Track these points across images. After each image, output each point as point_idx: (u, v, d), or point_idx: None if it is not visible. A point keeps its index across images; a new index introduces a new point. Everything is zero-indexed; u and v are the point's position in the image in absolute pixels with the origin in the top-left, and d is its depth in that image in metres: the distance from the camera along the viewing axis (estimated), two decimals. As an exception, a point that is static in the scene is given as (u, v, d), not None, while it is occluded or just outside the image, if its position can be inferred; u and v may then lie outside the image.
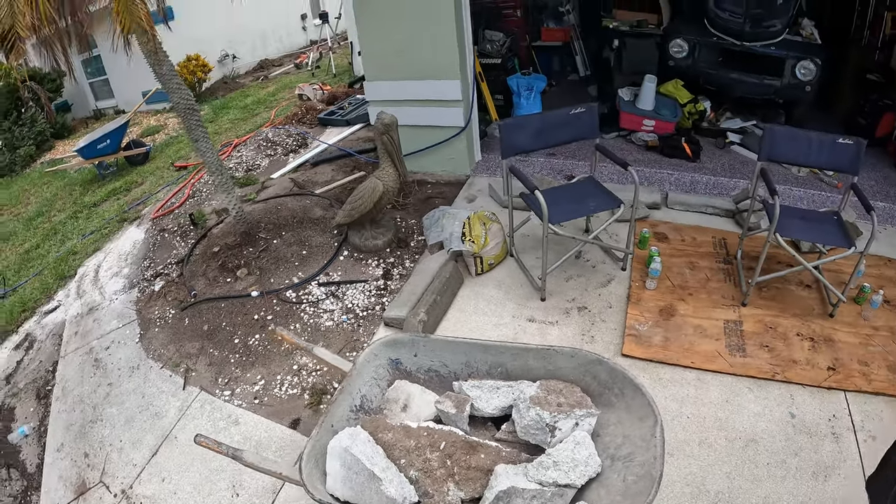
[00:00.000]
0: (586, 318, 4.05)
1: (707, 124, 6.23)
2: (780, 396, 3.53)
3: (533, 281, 4.35)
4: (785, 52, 6.00)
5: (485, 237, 4.45)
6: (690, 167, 5.47)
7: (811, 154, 4.20)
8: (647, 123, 5.67)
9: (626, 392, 2.56)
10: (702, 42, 6.04)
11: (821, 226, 4.10)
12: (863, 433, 3.40)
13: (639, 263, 4.42)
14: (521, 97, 6.39)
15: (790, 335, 3.94)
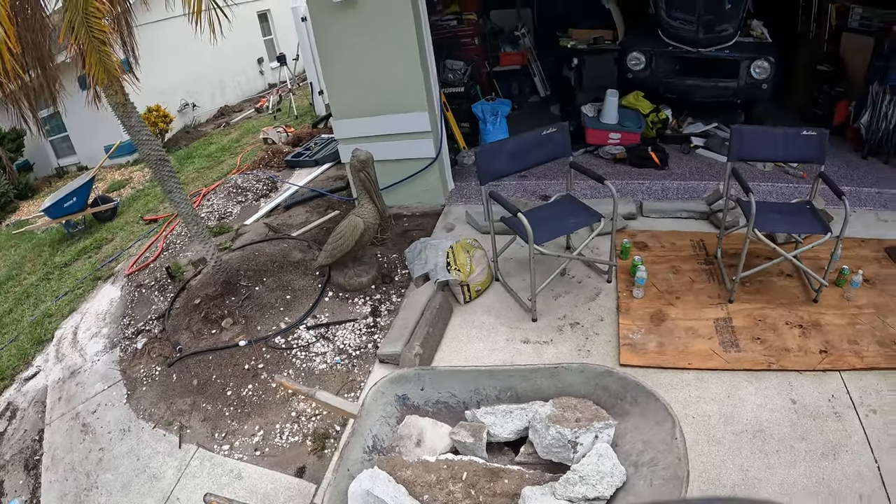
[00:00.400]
0: (580, 333, 4.07)
1: (671, 131, 6.36)
2: (779, 385, 3.61)
3: (522, 303, 4.36)
4: (739, 54, 6.17)
5: (470, 264, 4.46)
6: (660, 175, 5.57)
7: (778, 149, 4.34)
8: (612, 137, 5.77)
9: (640, 399, 2.57)
10: (658, 53, 6.18)
11: (796, 216, 4.22)
12: (863, 408, 3.50)
13: (623, 274, 4.48)
14: (487, 123, 6.45)
15: (780, 325, 4.03)
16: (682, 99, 6.54)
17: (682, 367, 3.69)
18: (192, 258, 5.96)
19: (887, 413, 3.49)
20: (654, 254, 4.72)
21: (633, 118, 5.98)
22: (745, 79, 6.17)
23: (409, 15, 5.12)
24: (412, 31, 5.17)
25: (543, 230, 4.03)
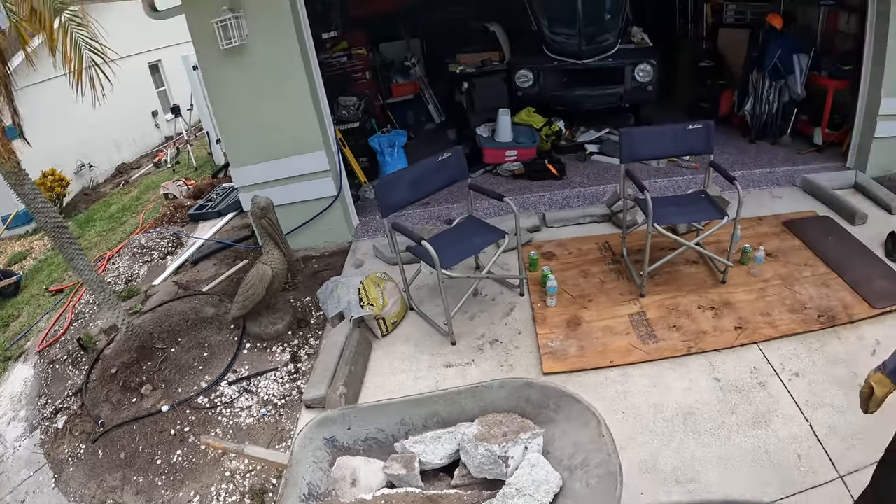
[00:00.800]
0: (500, 349, 4.12)
1: (565, 142, 6.57)
2: (701, 367, 3.78)
3: (439, 328, 4.38)
4: (622, 61, 6.45)
5: (382, 298, 4.46)
6: (559, 185, 5.73)
7: (668, 145, 4.55)
8: (509, 154, 5.91)
9: (563, 404, 2.63)
10: (545, 68, 6.39)
11: (693, 206, 4.44)
12: (785, 374, 3.73)
13: (535, 285, 4.56)
14: (385, 155, 6.49)
15: (692, 310, 4.22)
16: (574, 109, 6.78)
17: (605, 365, 3.79)
18: (103, 326, 5.72)
19: (809, 374, 3.75)
20: (562, 261, 4.85)
21: (527, 134, 6.14)
22: (631, 83, 6.45)
23: (298, 57, 5.12)
24: (302, 73, 5.17)
25: (449, 254, 4.07)
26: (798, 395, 3.60)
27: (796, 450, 3.25)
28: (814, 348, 4.00)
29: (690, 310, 4.22)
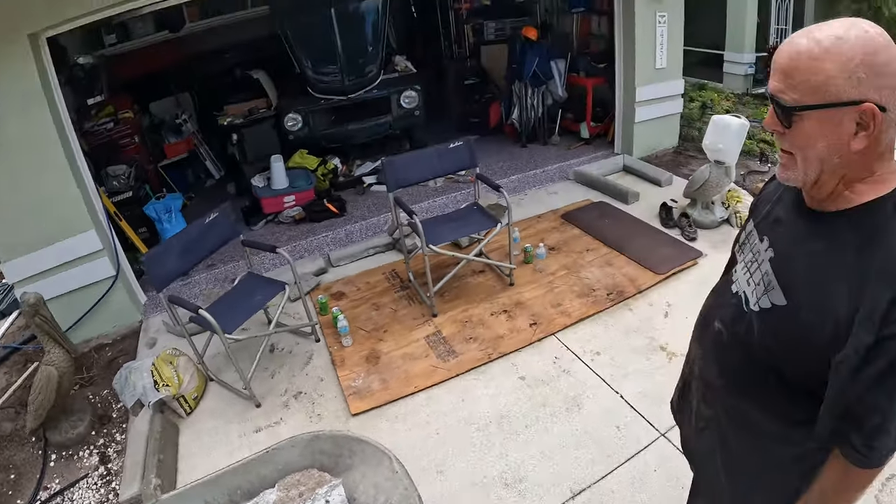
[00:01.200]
0: (305, 401, 3.96)
1: (343, 178, 6.53)
2: (504, 370, 3.84)
3: (241, 393, 4.16)
4: (387, 90, 6.52)
5: (177, 376, 4.17)
6: (341, 222, 5.66)
7: (434, 167, 4.58)
8: (287, 200, 5.77)
9: (355, 449, 2.53)
10: (312, 109, 6.33)
11: (466, 220, 4.52)
12: (587, 355, 3.89)
13: (329, 328, 4.43)
14: (163, 222, 6.15)
15: (486, 318, 4.29)
16: (347, 144, 6.77)
17: (411, 392, 3.73)
18: None
19: (609, 349, 3.94)
20: (352, 299, 4.76)
21: (303, 177, 6.04)
22: (398, 111, 6.55)
23: (54, 133, 4.70)
24: (59, 148, 4.72)
25: (232, 317, 3.86)
26: (602, 371, 3.77)
27: (614, 423, 3.38)
28: (609, 325, 4.22)
29: (484, 318, 4.28)
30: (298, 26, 6.10)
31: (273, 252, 4.10)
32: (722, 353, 1.58)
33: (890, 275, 1.15)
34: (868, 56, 1.13)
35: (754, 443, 1.55)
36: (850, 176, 1.25)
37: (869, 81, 1.13)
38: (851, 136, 1.19)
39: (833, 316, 1.22)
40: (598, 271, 4.79)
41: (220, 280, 5.13)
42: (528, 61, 7.03)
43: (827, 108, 1.17)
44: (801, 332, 1.30)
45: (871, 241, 1.21)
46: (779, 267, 1.39)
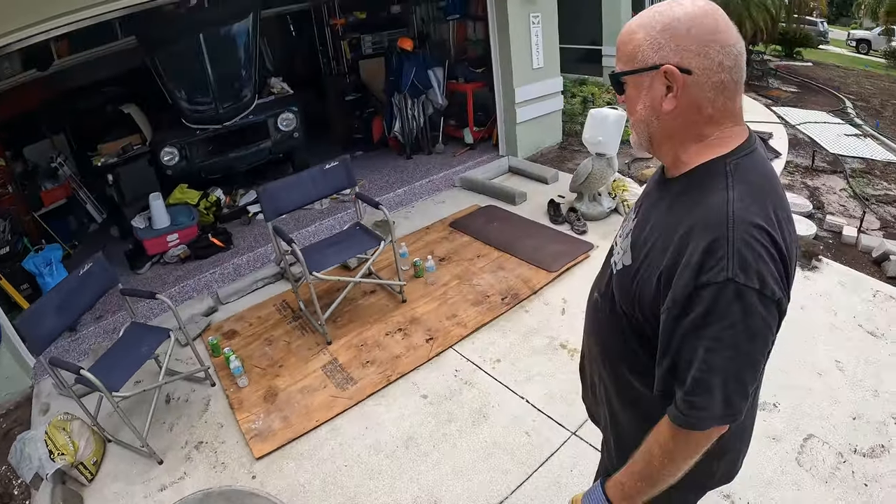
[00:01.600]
0: (207, 451, 3.80)
1: (227, 209, 6.35)
2: (405, 391, 3.79)
3: (140, 451, 3.98)
4: (263, 114, 6.39)
5: (72, 442, 3.93)
6: (228, 256, 5.48)
7: (311, 191, 4.50)
8: (171, 239, 5.53)
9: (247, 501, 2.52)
10: (189, 141, 6.12)
11: (349, 241, 4.47)
12: (487, 364, 3.89)
13: (223, 370, 4.26)
14: (44, 276, 5.82)
15: (381, 339, 4.24)
16: (229, 174, 6.59)
17: (313, 427, 3.63)
18: None
19: (509, 354, 3.96)
20: (244, 336, 4.60)
21: (185, 213, 5.83)
22: (276, 135, 6.44)
23: None
24: None
25: (118, 373, 3.66)
26: (505, 378, 3.78)
27: (523, 429, 3.38)
28: (506, 330, 4.24)
29: (379, 339, 4.23)
30: (167, 55, 5.91)
31: (153, 298, 3.94)
32: (597, 320, 1.64)
33: (706, 225, 1.20)
34: (671, 22, 1.24)
35: (634, 409, 1.58)
36: (678, 139, 1.34)
37: (669, 46, 1.24)
38: (663, 97, 1.28)
39: (657, 271, 1.29)
40: (490, 277, 4.83)
41: (109, 332, 4.89)
42: (405, 72, 7.06)
43: (637, 73, 1.29)
44: (635, 289, 1.37)
45: (699, 198, 1.27)
46: (635, 231, 1.45)
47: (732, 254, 1.16)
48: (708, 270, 1.17)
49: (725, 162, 1.29)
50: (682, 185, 1.35)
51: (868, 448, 3.10)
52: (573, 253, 5.04)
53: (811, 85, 13.27)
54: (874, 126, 9.43)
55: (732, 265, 1.15)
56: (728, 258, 1.16)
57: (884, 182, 6.81)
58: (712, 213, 1.21)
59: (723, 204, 1.21)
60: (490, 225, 5.65)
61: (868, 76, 16.79)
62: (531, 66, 7.11)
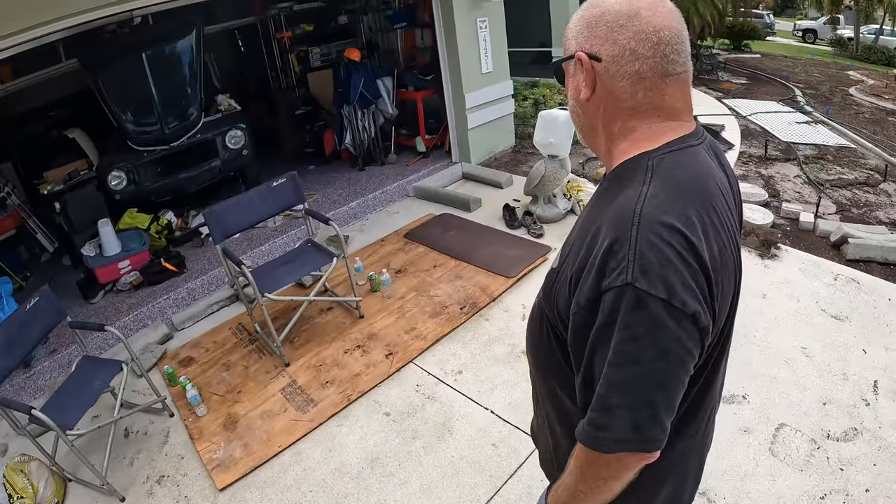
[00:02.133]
0: (170, 484, 3.70)
1: (180, 232, 6.24)
2: (367, 408, 3.75)
3: (102, 489, 3.86)
4: (211, 133, 6.30)
5: (30, 484, 3.82)
6: (181, 280, 5.37)
7: (260, 210, 4.43)
8: (122, 266, 5.41)
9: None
10: (136, 164, 6.01)
11: (301, 259, 4.43)
12: (449, 377, 3.87)
13: (181, 400, 4.15)
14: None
15: (340, 357, 4.20)
16: (179, 195, 6.50)
17: (276, 453, 3.56)
18: None
19: (471, 365, 3.94)
20: (201, 363, 4.49)
21: (135, 238, 5.70)
22: (225, 153, 6.36)
23: None
24: None
25: (71, 410, 3.56)
26: (468, 389, 3.75)
27: (489, 441, 3.36)
28: (467, 340, 4.23)
29: (338, 358, 4.19)
30: (110, 76, 5.79)
31: (102, 331, 3.85)
32: (530, 329, 1.52)
33: (612, 223, 1.11)
34: (586, 13, 1.26)
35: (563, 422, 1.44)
36: (606, 133, 1.30)
37: (583, 33, 1.25)
38: (581, 86, 1.27)
39: (573, 269, 1.18)
40: (448, 287, 4.82)
41: (63, 366, 4.74)
42: (354, 83, 7.02)
43: (562, 61, 1.32)
44: (556, 292, 1.26)
45: (617, 194, 1.18)
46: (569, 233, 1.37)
47: (634, 255, 1.04)
48: (609, 273, 1.06)
49: (649, 157, 1.20)
50: (607, 181, 1.30)
51: (841, 432, 3.17)
52: (531, 257, 5.05)
53: (760, 76, 13.56)
54: (824, 112, 9.67)
55: (633, 268, 1.03)
56: (628, 260, 1.04)
57: (837, 167, 7.00)
58: (620, 210, 1.11)
59: (632, 200, 1.11)
60: (446, 233, 5.64)
61: (815, 64, 17.22)
62: (480, 71, 7.13)
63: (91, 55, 5.86)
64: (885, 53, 20.99)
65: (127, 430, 4.16)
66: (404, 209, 6.46)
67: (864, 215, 5.73)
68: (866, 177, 6.76)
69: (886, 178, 6.68)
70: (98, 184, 6.10)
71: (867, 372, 3.55)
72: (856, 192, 6.28)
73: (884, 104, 11.15)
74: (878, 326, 3.94)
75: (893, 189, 6.44)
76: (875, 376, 3.52)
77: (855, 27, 23.75)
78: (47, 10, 4.35)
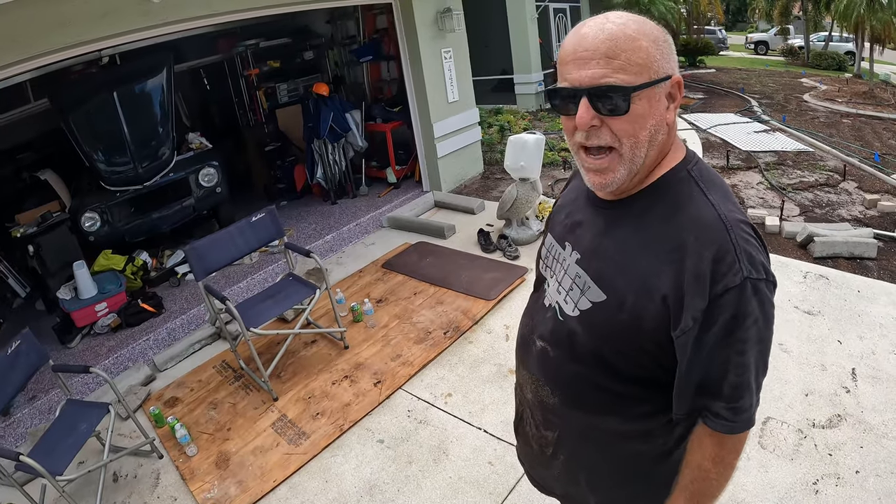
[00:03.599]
0: (163, 530, 3.67)
1: (155, 272, 6.19)
2: (361, 437, 3.76)
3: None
4: (184, 171, 6.30)
5: None
6: (160, 321, 5.32)
7: (240, 245, 4.46)
8: (99, 308, 5.35)
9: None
10: (109, 204, 5.97)
11: (284, 293, 4.44)
12: (440, 400, 3.90)
13: (169, 441, 4.10)
14: (-40, 363, 5.56)
15: (329, 388, 4.21)
16: (154, 235, 6.47)
17: (271, 488, 3.54)
18: None
19: (460, 387, 3.98)
20: (187, 402, 4.45)
21: (111, 279, 5.64)
22: (199, 191, 6.36)
23: None
24: None
25: (59, 456, 3.50)
26: (459, 411, 3.79)
27: (486, 459, 3.40)
28: (453, 363, 4.28)
29: (327, 389, 4.20)
30: (81, 116, 5.75)
31: (87, 373, 3.81)
32: (551, 371, 1.50)
33: (702, 235, 1.19)
34: (662, 33, 1.24)
35: (612, 452, 1.47)
36: (661, 150, 1.30)
37: (669, 55, 1.23)
38: (666, 109, 1.25)
39: (658, 293, 1.22)
40: (430, 313, 4.88)
41: (45, 413, 4.65)
42: (323, 118, 7.10)
43: (655, 84, 1.21)
44: (629, 321, 1.27)
45: (675, 208, 1.25)
46: (588, 265, 1.38)
47: (740, 254, 1.16)
48: (722, 277, 1.16)
49: (686, 168, 1.30)
50: (645, 200, 1.31)
51: (825, 420, 3.29)
52: (508, 279, 5.15)
53: (717, 90, 14.01)
54: (781, 120, 10.01)
55: (744, 265, 1.16)
56: (738, 260, 1.16)
57: (797, 171, 7.27)
58: (704, 221, 1.21)
59: (710, 210, 1.22)
60: (423, 261, 5.71)
61: (769, 75, 17.81)
62: (447, 101, 7.27)
63: (61, 95, 5.85)
64: (835, 59, 21.84)
65: (116, 475, 4.08)
66: (379, 240, 6.52)
67: (827, 214, 5.95)
68: (826, 178, 7.03)
69: (845, 178, 6.96)
70: (71, 225, 6.04)
71: (844, 361, 3.71)
72: (817, 193, 6.52)
73: (837, 107, 11.61)
74: (850, 317, 4.12)
75: (853, 187, 6.71)
76: (852, 364, 3.68)
77: (805, 36, 24.71)
78: (13, 50, 4.34)
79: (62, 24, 4.37)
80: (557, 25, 13.70)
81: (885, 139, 9.47)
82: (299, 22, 8.83)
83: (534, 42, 11.97)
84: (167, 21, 4.92)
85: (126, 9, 4.62)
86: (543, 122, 10.71)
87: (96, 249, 6.05)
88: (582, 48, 1.21)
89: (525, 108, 12.04)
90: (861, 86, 15.74)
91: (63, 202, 6.43)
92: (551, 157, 8.07)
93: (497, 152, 8.34)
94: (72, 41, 4.53)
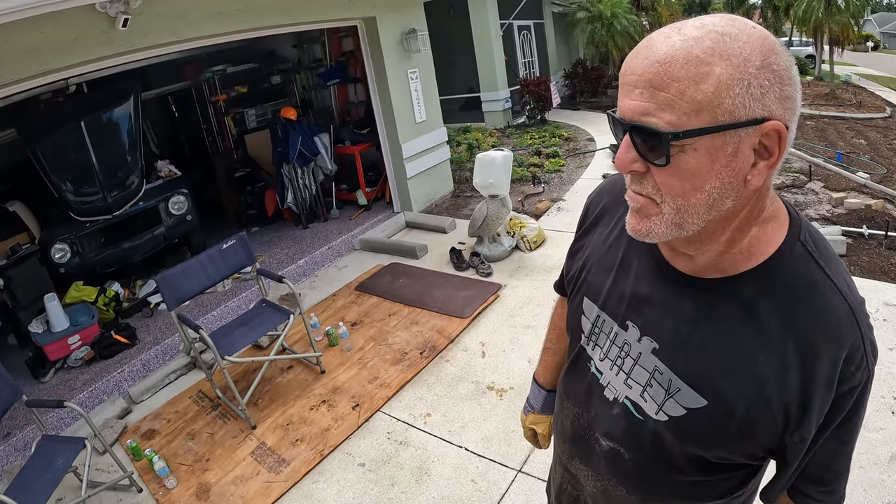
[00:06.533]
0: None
1: (128, 303, 6.14)
2: (341, 461, 3.76)
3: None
4: (153, 200, 6.28)
5: None
6: (135, 352, 5.27)
7: (212, 272, 4.45)
8: (72, 341, 5.28)
9: None
10: (79, 235, 5.92)
11: (258, 319, 4.44)
12: (419, 421, 3.92)
13: (148, 474, 4.04)
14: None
15: (307, 414, 4.22)
16: (125, 265, 6.43)
17: (251, 518, 3.53)
18: None
19: (439, 407, 4.00)
20: (164, 434, 4.41)
21: (83, 311, 5.57)
22: (169, 219, 6.34)
23: None
24: None
25: (36, 493, 3.43)
26: (439, 430, 3.81)
27: (468, 477, 3.41)
28: (431, 383, 4.31)
29: (305, 415, 4.20)
30: (48, 146, 5.71)
31: (61, 407, 3.78)
32: (628, 474, 1.28)
33: (834, 333, 0.97)
34: (769, 56, 0.84)
35: None
36: (741, 224, 0.98)
37: (768, 90, 0.84)
38: (749, 167, 0.89)
39: (779, 402, 1.01)
40: (405, 333, 4.92)
41: (20, 450, 4.58)
42: (291, 142, 7.14)
43: (719, 130, 0.84)
44: (741, 428, 1.05)
45: (798, 298, 0.99)
46: (673, 360, 1.11)
47: (868, 350, 0.99)
48: (850, 377, 0.98)
49: (799, 240, 1.01)
50: (754, 286, 1.01)
51: None
52: (483, 296, 5.21)
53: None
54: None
55: (871, 360, 1.00)
56: (866, 357, 0.99)
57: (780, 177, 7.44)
58: (836, 316, 0.98)
59: (840, 301, 0.98)
60: (396, 282, 5.75)
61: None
62: (415, 121, 7.35)
63: (28, 125, 5.80)
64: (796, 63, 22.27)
65: (99, 514, 4.05)
66: (352, 262, 6.55)
67: (795, 215, 6.10)
68: (793, 179, 7.23)
69: (812, 178, 7.15)
70: (41, 257, 5.98)
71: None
72: (784, 195, 6.66)
73: (800, 110, 11.85)
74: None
75: (820, 187, 6.91)
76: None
77: (766, 42, 25.12)
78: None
79: (32, 51, 4.36)
80: (522, 43, 13.91)
81: (848, 138, 9.77)
82: (265, 47, 8.88)
83: (499, 60, 12.13)
84: (133, 48, 4.92)
85: (92, 36, 4.61)
86: (511, 138, 10.85)
87: (67, 281, 5.98)
88: (629, 69, 0.89)
89: (493, 125, 12.18)
90: (823, 87, 16.21)
91: (32, 234, 6.37)
92: (520, 172, 8.18)
93: (466, 170, 8.42)
94: (40, 69, 4.52)
